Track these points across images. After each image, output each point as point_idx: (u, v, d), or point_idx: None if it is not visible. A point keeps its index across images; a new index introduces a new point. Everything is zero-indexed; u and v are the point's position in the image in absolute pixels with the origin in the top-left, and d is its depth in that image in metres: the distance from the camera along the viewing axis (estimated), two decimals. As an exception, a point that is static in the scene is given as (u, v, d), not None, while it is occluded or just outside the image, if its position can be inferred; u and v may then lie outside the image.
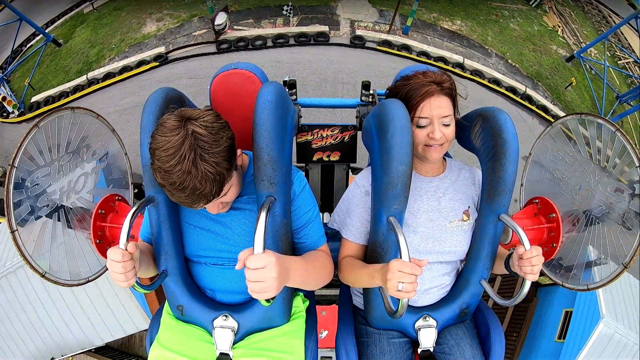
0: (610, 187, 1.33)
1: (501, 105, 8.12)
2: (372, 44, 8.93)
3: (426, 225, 1.18)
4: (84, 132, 1.45)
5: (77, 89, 8.51)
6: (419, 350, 1.18)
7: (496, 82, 8.76)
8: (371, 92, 1.63)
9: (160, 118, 0.96)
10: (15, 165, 1.21)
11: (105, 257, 1.39)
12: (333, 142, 1.72)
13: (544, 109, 8.68)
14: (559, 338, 6.41)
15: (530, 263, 0.99)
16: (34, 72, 8.95)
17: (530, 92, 8.73)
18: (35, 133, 1.27)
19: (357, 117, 1.67)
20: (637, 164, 1.26)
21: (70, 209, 1.40)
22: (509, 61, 9.19)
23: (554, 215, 1.37)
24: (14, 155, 1.22)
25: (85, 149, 1.46)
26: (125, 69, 8.54)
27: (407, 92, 1.11)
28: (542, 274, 1.22)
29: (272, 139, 0.98)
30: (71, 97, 8.35)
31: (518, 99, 8.63)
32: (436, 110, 1.08)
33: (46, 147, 1.31)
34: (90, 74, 8.53)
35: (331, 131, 1.70)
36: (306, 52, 8.65)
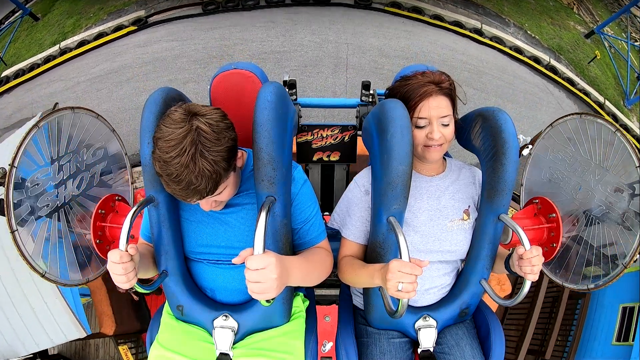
0: (610, 187, 1.33)
1: (525, 75, 7.59)
2: (379, 5, 8.00)
3: (427, 225, 1.18)
4: (84, 131, 1.45)
5: (48, 59, 7.79)
6: (419, 350, 1.19)
7: (518, 50, 7.99)
8: (371, 92, 1.63)
9: (160, 118, 0.96)
10: (15, 165, 1.21)
11: (105, 257, 1.39)
12: (333, 142, 1.72)
13: (570, 81, 7.88)
14: (619, 340, 5.06)
15: (530, 263, 0.99)
16: (7, 47, 8.43)
17: (554, 63, 8.01)
18: (35, 133, 1.27)
19: (357, 117, 1.67)
20: (637, 164, 1.26)
21: (70, 209, 1.40)
22: (528, 32, 8.58)
23: (554, 215, 1.37)
24: (14, 155, 1.22)
25: (85, 149, 1.46)
26: (100, 35, 7.74)
27: (406, 93, 1.11)
28: (542, 274, 1.23)
29: (272, 139, 0.98)
30: (42, 68, 7.69)
31: (542, 68, 7.84)
32: (435, 110, 1.08)
33: (46, 147, 1.31)
34: (63, 43, 7.87)
35: (331, 131, 1.70)
36: (305, 11, 7.85)
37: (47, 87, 6.65)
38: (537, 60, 8.00)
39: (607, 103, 7.61)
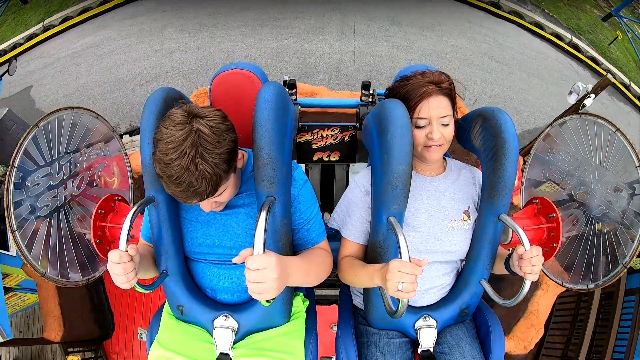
0: (610, 187, 1.33)
1: (548, 52, 7.23)
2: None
3: (427, 225, 1.18)
4: (84, 131, 1.45)
5: (31, 37, 7.50)
6: (419, 350, 1.19)
7: (538, 26, 7.54)
8: (371, 92, 1.63)
9: (160, 118, 0.96)
10: (15, 165, 1.21)
11: (105, 257, 1.39)
12: (333, 142, 1.72)
13: (594, 60, 7.50)
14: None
15: (530, 263, 0.99)
16: (-8, 31, 8.10)
17: (576, 41, 7.62)
18: (35, 133, 1.27)
19: (357, 117, 1.67)
20: (637, 164, 1.26)
21: (70, 209, 1.40)
22: (546, 10, 8.19)
23: (554, 215, 1.37)
24: (14, 155, 1.22)
25: (85, 149, 1.46)
26: (86, 10, 7.39)
27: (406, 93, 1.11)
28: (541, 274, 1.22)
29: (272, 139, 0.98)
30: (23, 47, 7.40)
31: (566, 45, 7.44)
32: (435, 110, 1.08)
33: (46, 147, 1.31)
34: (47, 21, 7.55)
35: (331, 131, 1.70)
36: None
37: (27, 66, 6.40)
38: (558, 37, 7.58)
39: (633, 85, 7.28)
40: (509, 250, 1.24)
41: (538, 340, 2.97)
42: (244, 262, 0.82)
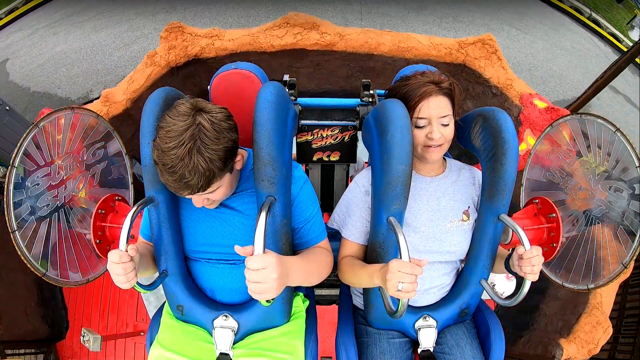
0: (610, 187, 1.33)
1: (568, 26, 7.08)
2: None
3: (427, 225, 1.18)
4: (84, 131, 1.45)
5: (12, 10, 7.31)
6: (419, 350, 1.19)
7: None
8: (371, 92, 1.63)
9: (159, 118, 0.97)
10: (15, 165, 1.21)
11: (106, 257, 1.39)
12: (333, 142, 1.72)
13: (614, 36, 7.31)
14: None
15: (530, 263, 0.99)
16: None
17: (596, 16, 7.46)
18: (35, 133, 1.27)
19: (357, 117, 1.67)
20: (637, 164, 1.26)
21: (71, 209, 1.40)
22: None
23: (554, 215, 1.37)
24: (13, 155, 1.22)
25: (85, 149, 1.46)
26: None
27: (406, 93, 1.11)
28: (542, 274, 1.23)
29: (272, 139, 0.98)
30: (4, 20, 7.18)
31: (586, 19, 7.28)
32: (434, 110, 1.08)
33: (46, 147, 1.31)
34: None
35: (331, 131, 1.70)
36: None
37: (5, 40, 6.24)
38: (578, 10, 7.41)
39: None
40: (509, 250, 1.24)
41: (606, 341, 2.32)
42: (243, 262, 0.82)
